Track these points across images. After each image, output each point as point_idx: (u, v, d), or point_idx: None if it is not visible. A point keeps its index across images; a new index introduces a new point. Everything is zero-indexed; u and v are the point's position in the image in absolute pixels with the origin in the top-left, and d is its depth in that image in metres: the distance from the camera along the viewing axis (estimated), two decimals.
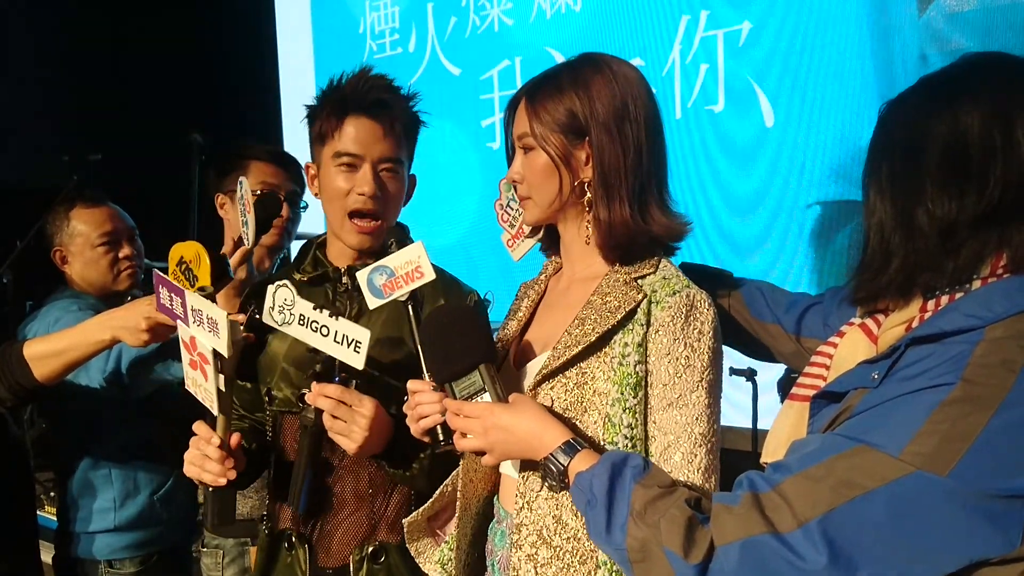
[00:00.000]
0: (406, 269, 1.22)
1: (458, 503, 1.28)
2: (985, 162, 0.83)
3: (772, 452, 1.04)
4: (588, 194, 1.17)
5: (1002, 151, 0.83)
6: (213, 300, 1.29)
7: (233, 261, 1.54)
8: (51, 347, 1.57)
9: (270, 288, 1.31)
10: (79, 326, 1.57)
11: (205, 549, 1.95)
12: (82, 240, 2.03)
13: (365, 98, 1.36)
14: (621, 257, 1.18)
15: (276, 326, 1.31)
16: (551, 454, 1.05)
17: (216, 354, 1.24)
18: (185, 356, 1.32)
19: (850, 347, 1.00)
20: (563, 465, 1.04)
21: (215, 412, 1.29)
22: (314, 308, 1.26)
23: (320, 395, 1.24)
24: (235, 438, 1.31)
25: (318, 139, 1.40)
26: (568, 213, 1.21)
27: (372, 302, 1.25)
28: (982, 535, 0.76)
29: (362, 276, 1.26)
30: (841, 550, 0.79)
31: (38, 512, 2.04)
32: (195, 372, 1.30)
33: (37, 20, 5.05)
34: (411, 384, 1.19)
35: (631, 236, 1.15)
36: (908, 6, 2.20)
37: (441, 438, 1.17)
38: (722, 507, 0.89)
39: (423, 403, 1.17)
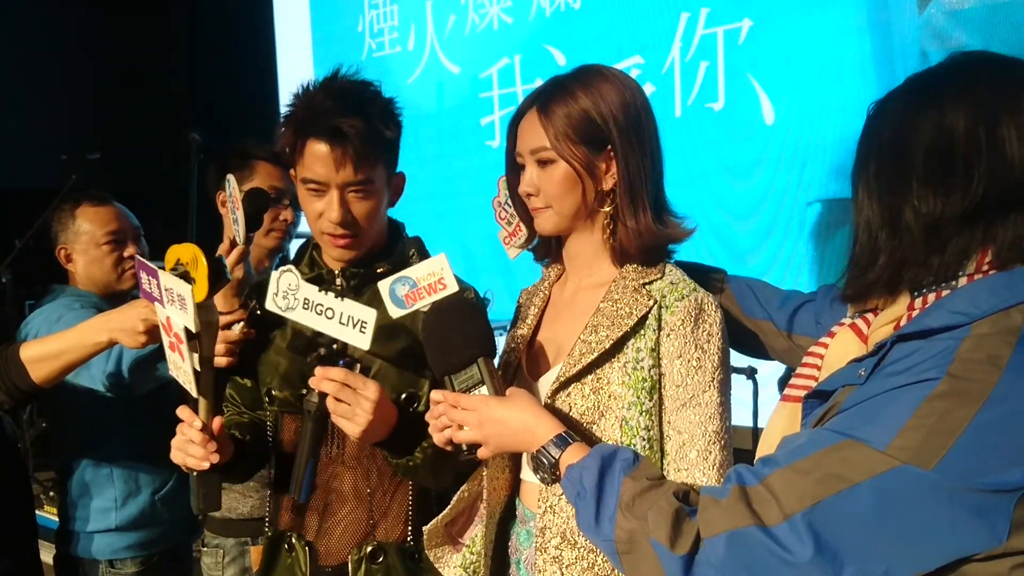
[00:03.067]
0: (428, 280, 1.22)
1: (484, 511, 1.30)
2: (970, 160, 0.84)
3: (765, 452, 1.04)
4: (608, 203, 1.20)
5: (987, 149, 0.84)
6: (189, 281, 1.28)
7: (230, 261, 1.53)
8: (48, 349, 1.57)
9: (274, 274, 1.30)
10: (76, 328, 1.56)
11: (206, 549, 1.95)
12: (87, 238, 2.04)
13: (320, 124, 1.30)
14: (638, 262, 1.21)
15: (280, 312, 1.29)
16: (543, 447, 1.08)
17: (189, 333, 1.22)
18: (165, 339, 1.30)
19: (841, 347, 1.01)
20: (554, 458, 1.06)
21: (194, 394, 1.27)
22: (319, 290, 1.25)
23: (324, 378, 1.24)
24: (217, 422, 1.29)
25: (288, 156, 1.38)
26: (580, 223, 1.23)
27: (394, 312, 1.25)
28: (968, 529, 0.76)
29: (384, 286, 1.25)
30: (827, 543, 0.79)
31: (38, 512, 2.04)
32: (173, 354, 1.29)
33: (37, 19, 5.04)
34: (434, 395, 1.19)
35: (656, 242, 1.20)
36: (908, 3, 2.20)
37: (465, 448, 1.17)
38: (710, 500, 0.90)
39: (447, 414, 1.17)
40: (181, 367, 1.28)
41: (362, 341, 1.22)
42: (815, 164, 2.38)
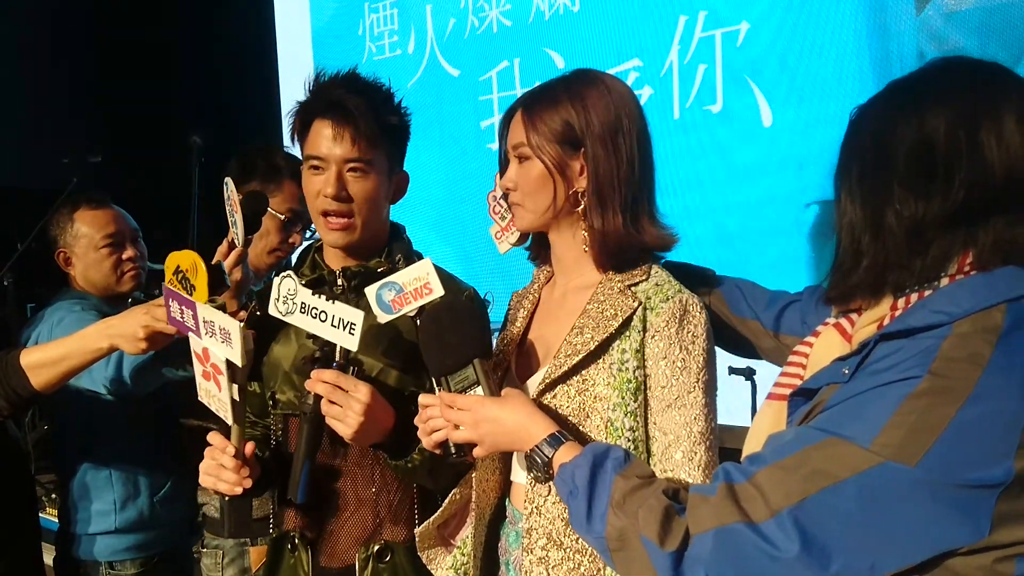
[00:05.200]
0: (414, 285, 1.24)
1: (474, 512, 1.31)
2: (951, 163, 0.86)
3: (752, 450, 1.05)
4: (582, 204, 1.21)
5: (967, 153, 0.85)
6: (223, 310, 1.30)
7: (228, 263, 1.55)
8: (49, 355, 1.57)
9: (276, 280, 1.33)
10: (77, 334, 1.56)
11: (205, 550, 1.96)
12: (86, 241, 2.04)
13: (325, 100, 1.38)
14: (614, 266, 1.22)
15: (281, 316, 1.32)
16: (536, 446, 1.09)
17: (230, 364, 1.25)
18: (198, 367, 1.32)
19: (825, 346, 1.02)
20: (548, 456, 1.08)
21: (229, 422, 1.29)
22: (312, 294, 1.29)
23: (317, 380, 1.26)
24: (249, 447, 1.32)
25: (298, 143, 1.44)
26: (561, 223, 1.25)
27: (381, 317, 1.27)
28: (951, 524, 0.78)
29: (371, 292, 1.27)
30: (813, 539, 0.81)
31: (40, 514, 2.05)
32: (208, 383, 1.31)
33: (39, 21, 5.06)
34: (422, 398, 1.21)
35: (624, 245, 1.20)
36: (906, 5, 2.20)
37: (452, 450, 1.18)
38: (698, 497, 0.91)
39: (434, 417, 1.19)
40: (216, 396, 1.30)
41: (350, 342, 1.24)
42: (813, 166, 2.38)
